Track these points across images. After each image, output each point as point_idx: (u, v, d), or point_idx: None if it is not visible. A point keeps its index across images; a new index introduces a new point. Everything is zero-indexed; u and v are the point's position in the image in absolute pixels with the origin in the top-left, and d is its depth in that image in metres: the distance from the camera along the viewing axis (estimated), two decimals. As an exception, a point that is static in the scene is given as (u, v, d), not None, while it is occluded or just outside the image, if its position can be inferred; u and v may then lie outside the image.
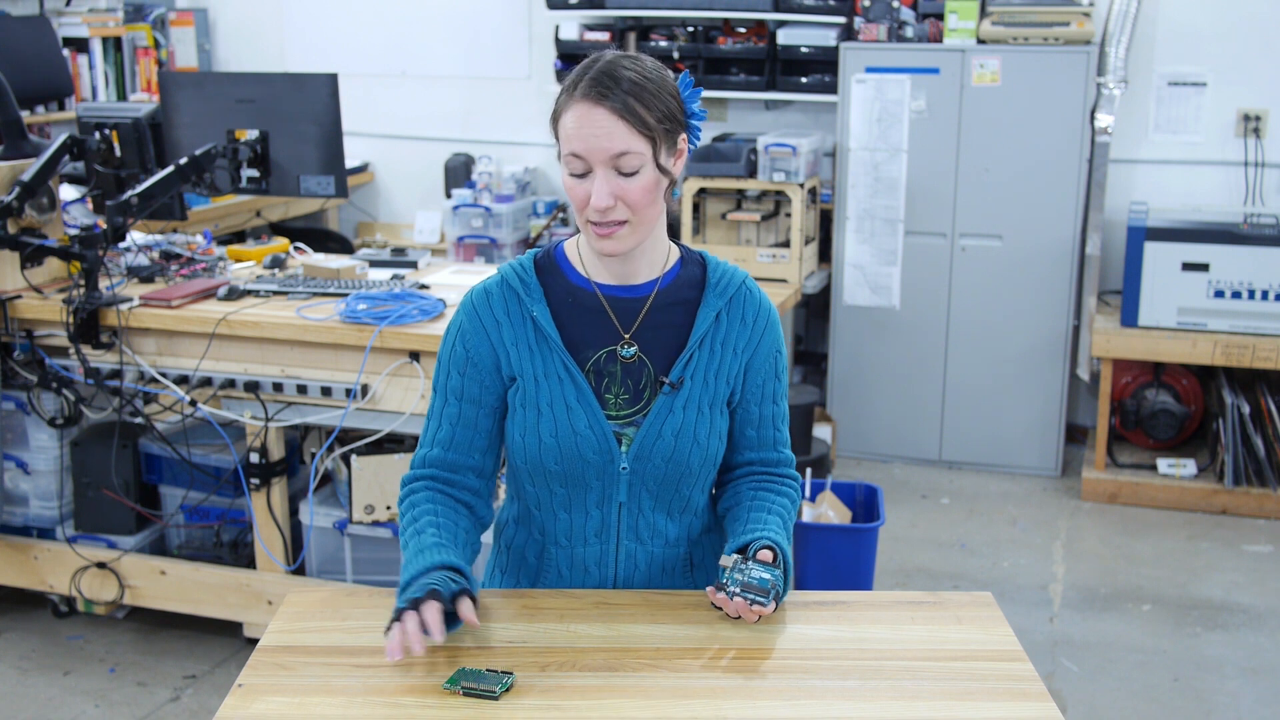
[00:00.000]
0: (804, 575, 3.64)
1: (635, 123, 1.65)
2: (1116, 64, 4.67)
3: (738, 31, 5.18)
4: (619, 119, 1.64)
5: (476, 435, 1.82)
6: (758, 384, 1.85)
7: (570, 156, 1.68)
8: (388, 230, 5.97)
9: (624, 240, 1.72)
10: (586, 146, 1.65)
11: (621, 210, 1.68)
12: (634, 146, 1.65)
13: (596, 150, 1.65)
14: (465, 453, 1.82)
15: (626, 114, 1.65)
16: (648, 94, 1.67)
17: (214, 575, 3.46)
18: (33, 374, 3.42)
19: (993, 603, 1.80)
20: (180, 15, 5.94)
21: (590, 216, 1.69)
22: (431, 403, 1.85)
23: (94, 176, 3.57)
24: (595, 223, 1.69)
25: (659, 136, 1.68)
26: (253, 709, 1.53)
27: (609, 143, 1.65)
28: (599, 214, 1.68)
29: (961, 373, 4.96)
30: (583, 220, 1.71)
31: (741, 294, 1.84)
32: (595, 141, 1.65)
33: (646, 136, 1.66)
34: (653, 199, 1.70)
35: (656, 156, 1.69)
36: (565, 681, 1.57)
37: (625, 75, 1.66)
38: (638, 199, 1.68)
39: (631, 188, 1.67)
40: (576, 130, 1.66)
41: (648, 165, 1.68)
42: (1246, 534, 4.39)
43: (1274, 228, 4.42)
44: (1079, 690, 3.37)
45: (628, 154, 1.65)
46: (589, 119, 1.65)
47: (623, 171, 1.66)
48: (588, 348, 1.79)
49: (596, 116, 1.64)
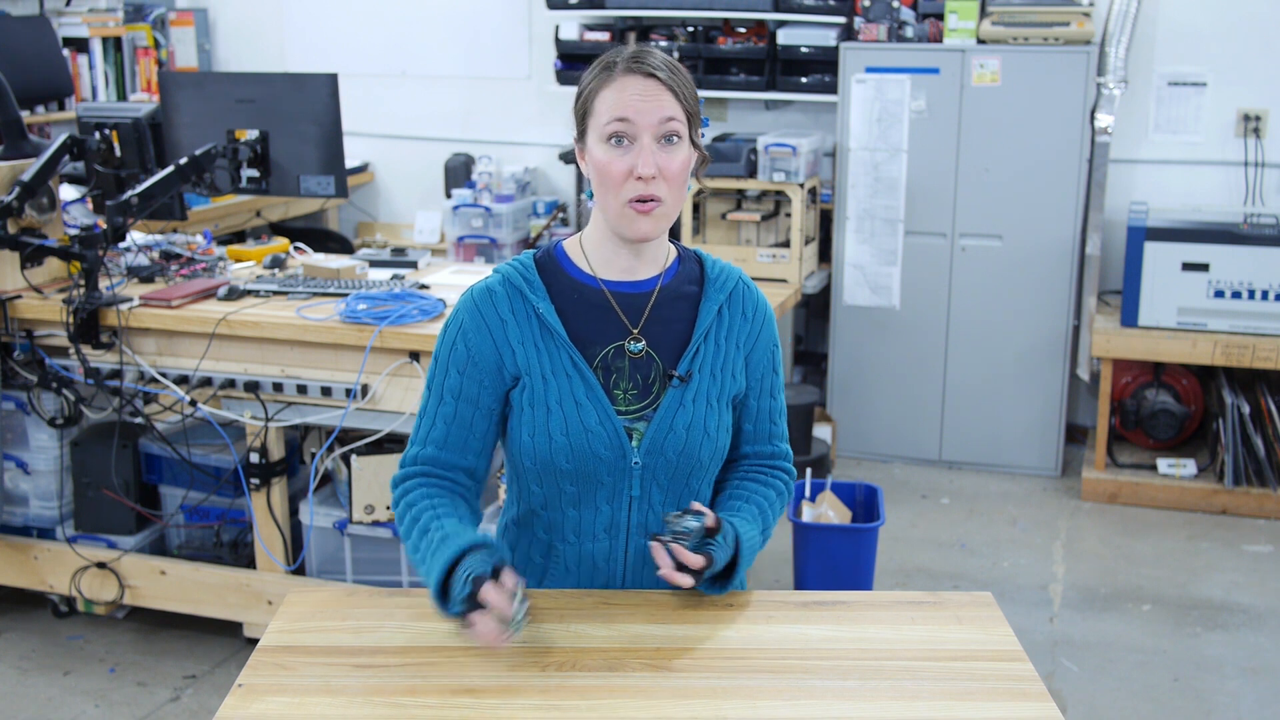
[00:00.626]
0: (804, 575, 3.64)
1: (680, 96, 1.73)
2: (1116, 64, 4.67)
3: (738, 31, 5.18)
4: (666, 88, 1.72)
5: (471, 436, 1.81)
6: (756, 378, 1.88)
7: (615, 121, 1.71)
8: (388, 230, 5.97)
9: (659, 220, 1.75)
10: (637, 110, 1.70)
11: (660, 185, 1.72)
12: (679, 115, 1.72)
13: (647, 114, 1.70)
14: (459, 453, 1.81)
15: (673, 84, 1.72)
16: (682, 74, 1.76)
17: (214, 575, 3.46)
18: (33, 374, 3.42)
19: (993, 603, 1.80)
20: (180, 15, 5.94)
21: (629, 191, 1.71)
22: (425, 401, 1.83)
23: (94, 176, 3.57)
24: (637, 199, 1.72)
25: (693, 115, 1.75)
26: (253, 709, 1.53)
27: (659, 108, 1.71)
28: (642, 185, 1.70)
29: (961, 373, 4.96)
30: (618, 200, 1.73)
31: (740, 289, 1.87)
32: (645, 105, 1.70)
33: (687, 110, 1.74)
34: (684, 180, 1.76)
35: (692, 134, 1.75)
36: (565, 681, 1.57)
37: (661, 56, 1.75)
38: (676, 173, 1.73)
39: (673, 160, 1.72)
40: (623, 98, 1.71)
41: (685, 141, 1.74)
42: (1246, 534, 4.39)
43: (1274, 228, 4.42)
44: (1079, 690, 3.37)
45: (674, 120, 1.72)
46: (640, 87, 1.71)
47: (668, 141, 1.72)
48: (595, 344, 1.79)
49: (648, 85, 1.71)
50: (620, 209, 1.73)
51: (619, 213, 1.73)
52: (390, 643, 1.67)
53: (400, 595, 1.83)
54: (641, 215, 1.72)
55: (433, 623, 1.72)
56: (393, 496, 1.83)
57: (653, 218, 1.73)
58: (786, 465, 1.95)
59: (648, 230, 1.74)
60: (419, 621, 1.73)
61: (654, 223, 1.74)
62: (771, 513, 1.89)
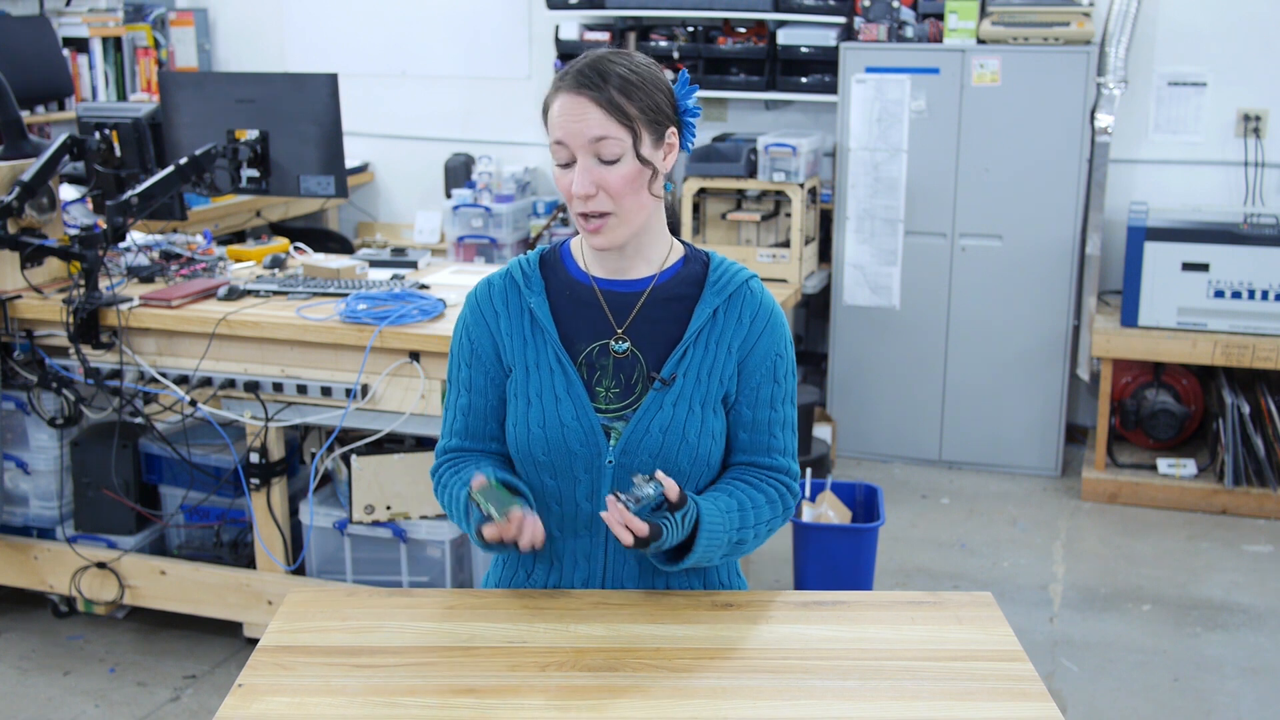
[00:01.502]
0: (804, 575, 3.64)
1: (613, 111, 1.70)
2: (1116, 64, 4.67)
3: (738, 31, 5.18)
4: (597, 106, 1.70)
5: (488, 424, 1.86)
6: (751, 386, 1.82)
7: (555, 145, 1.73)
8: (388, 230, 5.97)
9: (611, 233, 1.75)
10: (566, 132, 1.71)
11: (604, 200, 1.72)
12: (611, 133, 1.70)
13: (575, 135, 1.70)
14: (481, 441, 1.87)
15: (605, 102, 1.70)
16: (631, 85, 1.71)
17: (214, 575, 3.46)
18: (33, 374, 3.42)
19: (993, 603, 1.80)
20: (180, 15, 5.94)
21: (575, 207, 1.74)
22: (447, 395, 1.91)
23: (94, 176, 3.57)
24: (582, 214, 1.74)
25: (641, 127, 1.72)
26: (253, 709, 1.53)
27: (586, 128, 1.70)
28: (582, 202, 1.72)
29: (961, 373, 4.96)
30: (574, 213, 1.76)
31: (742, 293, 1.83)
32: (573, 126, 1.70)
33: (626, 125, 1.70)
34: (634, 190, 1.73)
35: (638, 147, 1.72)
36: (565, 681, 1.57)
37: (610, 68, 1.72)
38: (618, 188, 1.71)
39: (612, 176, 1.71)
40: (559, 118, 1.72)
41: (628, 155, 1.72)
42: (1246, 534, 4.39)
43: (1274, 228, 4.42)
44: (1079, 690, 3.37)
45: (605, 139, 1.70)
46: (569, 106, 1.71)
47: (603, 159, 1.71)
48: (581, 340, 1.81)
49: (576, 104, 1.70)
50: (577, 222, 1.76)
51: (577, 224, 1.77)
52: (390, 643, 1.67)
53: (400, 595, 1.84)
54: (591, 231, 1.74)
55: (433, 623, 1.73)
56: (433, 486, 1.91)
57: (603, 233, 1.74)
58: (786, 480, 1.85)
59: (600, 243, 1.76)
60: (419, 621, 1.73)
61: (604, 236, 1.75)
62: (755, 514, 1.80)
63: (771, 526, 1.84)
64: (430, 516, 3.28)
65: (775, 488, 1.84)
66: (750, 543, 1.81)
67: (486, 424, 1.86)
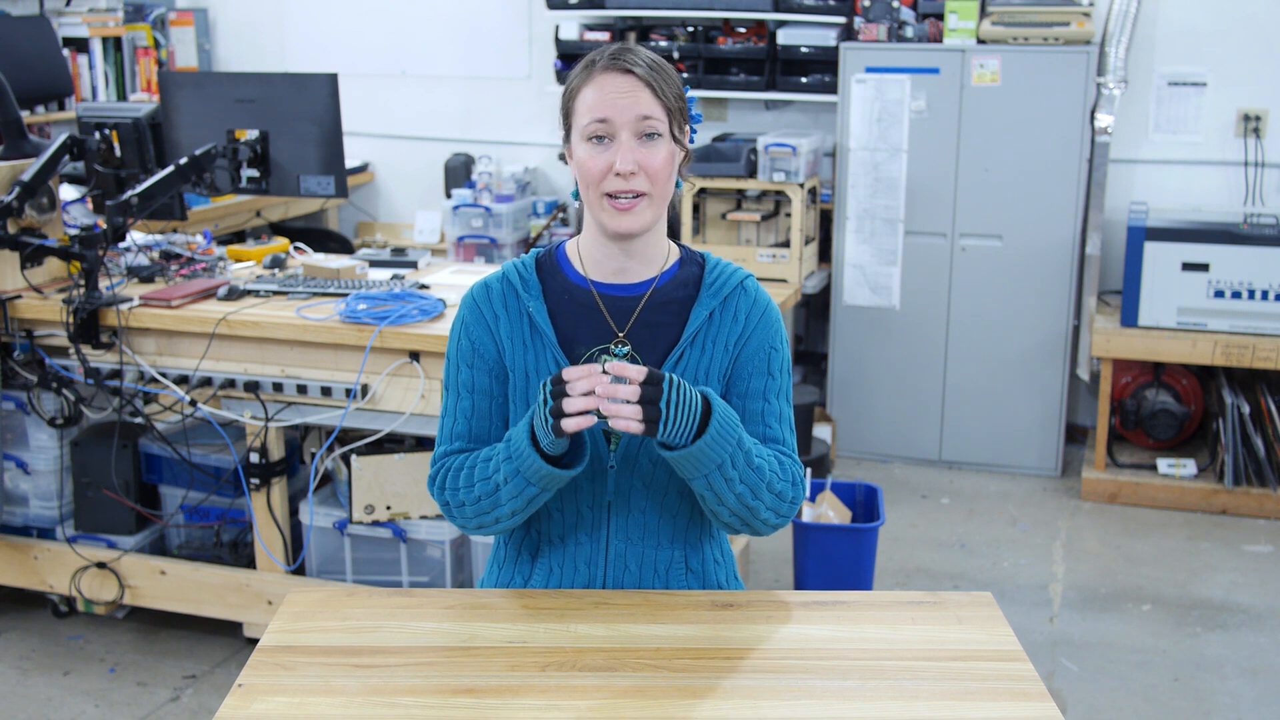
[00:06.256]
0: (804, 575, 3.64)
1: (658, 91, 1.72)
2: (1116, 64, 4.67)
3: (738, 31, 5.18)
4: (644, 85, 1.72)
5: (492, 425, 1.83)
6: (744, 377, 1.81)
7: (594, 123, 1.72)
8: (388, 230, 5.97)
9: (642, 215, 1.74)
10: (614, 108, 1.71)
11: (642, 180, 1.72)
12: (656, 112, 1.72)
13: (623, 111, 1.71)
14: (483, 443, 1.83)
15: (651, 81, 1.72)
16: (665, 71, 1.75)
17: (214, 575, 3.46)
18: (33, 374, 3.42)
19: (993, 603, 1.80)
20: (180, 15, 5.94)
21: (609, 187, 1.72)
22: (444, 401, 1.87)
23: (94, 176, 3.57)
24: (615, 195, 1.72)
25: (675, 112, 1.75)
26: (253, 709, 1.53)
27: (636, 105, 1.71)
28: (622, 180, 1.71)
29: (961, 373, 4.96)
30: (598, 197, 1.73)
31: (737, 293, 1.83)
32: (622, 102, 1.71)
33: (665, 107, 1.73)
34: (669, 173, 1.75)
35: (673, 130, 1.74)
36: (565, 681, 1.57)
37: (644, 56, 1.75)
38: (657, 168, 1.72)
39: (654, 155, 1.72)
40: (602, 96, 1.72)
41: (667, 137, 1.74)
42: (1246, 534, 4.39)
43: (1274, 228, 4.42)
44: (1079, 690, 3.37)
45: (652, 118, 1.72)
46: (617, 84, 1.72)
47: (646, 135, 1.72)
48: (581, 345, 1.80)
49: (625, 82, 1.72)
50: (600, 205, 1.74)
51: (600, 209, 1.74)
52: (390, 643, 1.67)
53: (400, 595, 1.84)
54: (621, 211, 1.73)
55: (433, 623, 1.73)
56: (433, 496, 1.84)
57: (634, 213, 1.73)
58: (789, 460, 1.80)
59: (630, 224, 1.73)
60: (419, 621, 1.73)
61: (635, 218, 1.73)
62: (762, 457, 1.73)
63: (781, 494, 1.75)
64: (430, 516, 3.28)
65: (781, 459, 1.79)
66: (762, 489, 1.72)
67: (490, 425, 1.83)
